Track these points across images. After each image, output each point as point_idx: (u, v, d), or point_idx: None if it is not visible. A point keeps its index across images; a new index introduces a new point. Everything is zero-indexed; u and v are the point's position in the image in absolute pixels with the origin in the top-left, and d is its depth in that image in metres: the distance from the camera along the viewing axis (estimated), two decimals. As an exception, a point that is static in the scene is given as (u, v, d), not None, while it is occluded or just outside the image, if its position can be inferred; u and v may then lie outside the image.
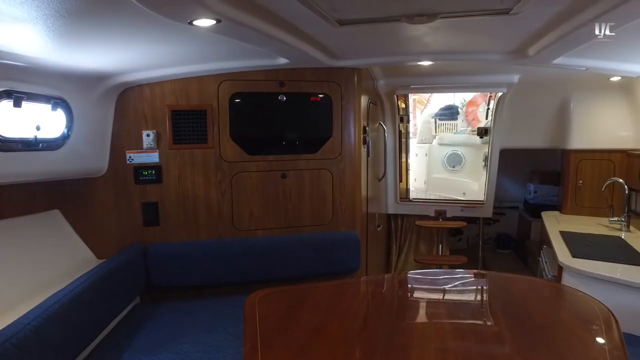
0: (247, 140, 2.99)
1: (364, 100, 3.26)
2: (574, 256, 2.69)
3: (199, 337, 2.32)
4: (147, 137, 2.79)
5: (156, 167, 2.85)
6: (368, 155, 3.44)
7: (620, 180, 3.50)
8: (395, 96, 4.35)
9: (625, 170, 3.67)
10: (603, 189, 3.57)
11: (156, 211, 2.88)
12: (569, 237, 3.12)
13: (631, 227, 3.40)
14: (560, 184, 4.32)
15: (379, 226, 4.19)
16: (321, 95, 3.06)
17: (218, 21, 1.60)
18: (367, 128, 3.32)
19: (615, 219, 3.51)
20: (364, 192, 3.33)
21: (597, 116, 3.89)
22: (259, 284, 2.30)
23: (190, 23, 1.58)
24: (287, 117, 3.09)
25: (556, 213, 4.09)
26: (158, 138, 2.83)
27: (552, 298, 2.34)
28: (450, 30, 2.08)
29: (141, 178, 2.83)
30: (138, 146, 2.81)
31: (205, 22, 1.60)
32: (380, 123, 4.14)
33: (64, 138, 2.28)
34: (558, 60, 2.46)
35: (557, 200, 4.37)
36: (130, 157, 2.80)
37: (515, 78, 3.75)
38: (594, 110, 3.90)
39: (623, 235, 3.29)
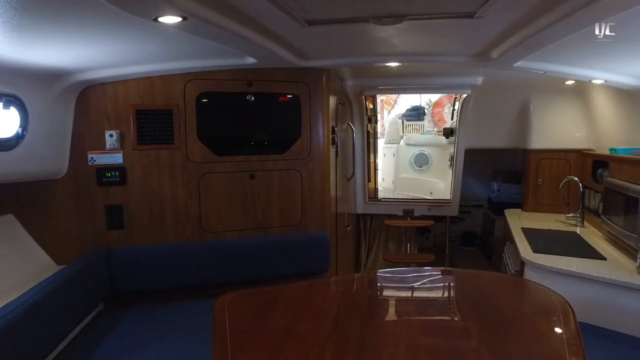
0: (214, 140, 2.94)
1: (332, 100, 3.28)
2: (534, 251, 2.80)
3: (166, 343, 2.26)
4: (110, 138, 2.69)
5: (120, 169, 2.75)
6: (337, 155, 3.45)
7: (575, 178, 3.69)
8: (363, 97, 4.39)
9: (579, 169, 3.87)
10: (560, 187, 3.76)
11: (120, 214, 2.78)
12: (530, 234, 3.25)
13: (585, 223, 3.59)
14: (522, 183, 4.48)
15: (348, 226, 4.21)
16: (290, 96, 3.05)
17: (184, 18, 1.56)
18: (335, 128, 3.33)
19: (571, 215, 3.70)
20: (333, 192, 3.34)
21: (554, 118, 4.08)
22: (228, 286, 2.26)
23: (155, 20, 1.54)
24: (256, 117, 3.06)
25: (518, 210, 4.26)
26: (122, 138, 2.73)
27: (515, 292, 2.43)
28: (417, 32, 2.11)
29: (104, 180, 2.73)
30: (100, 147, 2.70)
31: (170, 19, 1.56)
32: (348, 123, 4.16)
33: (18, 138, 2.16)
34: (519, 64, 2.55)
35: (519, 199, 4.54)
36: (92, 158, 2.70)
37: (479, 80, 3.86)
38: (551, 112, 4.09)
39: (578, 230, 3.46)
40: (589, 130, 3.95)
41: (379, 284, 2.58)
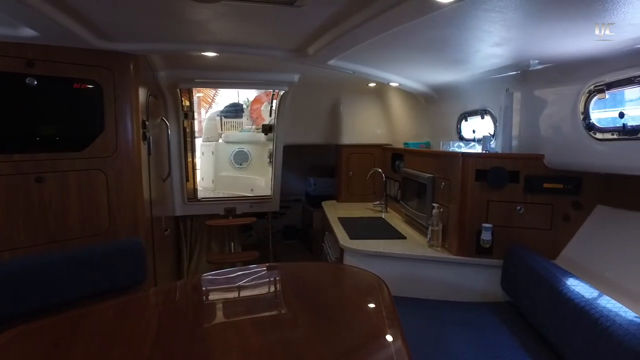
0: (-22, 134, 2.27)
1: (142, 92, 2.91)
2: (351, 238, 3.04)
3: None
4: None
5: None
6: (149, 153, 3.09)
7: (379, 170, 4.20)
8: (178, 90, 4.07)
9: (382, 161, 4.41)
10: (367, 178, 4.22)
11: None
12: (345, 222, 3.53)
13: (388, 209, 4.11)
14: (335, 176, 4.87)
15: (166, 230, 3.85)
16: (89, 83, 2.58)
17: None
18: (147, 123, 2.97)
19: (378, 202, 4.19)
20: (146, 194, 2.98)
21: (360, 116, 4.57)
22: (12, 322, 1.74)
23: None
24: (41, 106, 2.48)
25: (334, 202, 4.63)
26: None
27: (336, 278, 2.58)
28: (236, 17, 2.01)
29: None
30: None
31: None
32: (162, 119, 3.80)
33: None
34: (332, 62, 2.71)
35: (334, 191, 4.93)
36: None
37: (296, 77, 4.00)
38: (358, 111, 4.56)
39: (383, 215, 3.94)
40: (388, 127, 4.57)
41: (204, 289, 2.40)
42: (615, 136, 1.92)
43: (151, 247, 3.08)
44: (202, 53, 2.82)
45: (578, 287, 1.87)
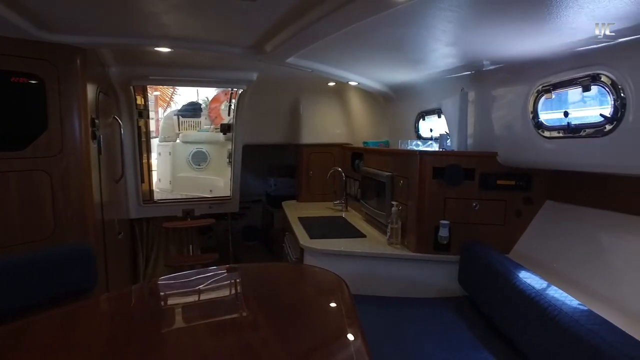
0: None
1: (91, 88, 2.77)
2: (311, 238, 3.03)
3: None
4: None
5: None
6: (100, 152, 2.95)
7: (339, 169, 4.21)
8: (131, 87, 3.90)
9: (342, 161, 4.43)
10: (328, 177, 4.22)
11: None
12: (305, 222, 3.51)
13: (349, 208, 4.13)
14: (296, 176, 4.85)
15: (119, 233, 3.69)
16: (29, 77, 2.41)
17: None
18: (97, 121, 2.83)
19: (338, 202, 4.20)
20: (96, 196, 2.83)
21: (320, 116, 4.57)
22: None
23: None
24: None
25: (294, 202, 4.60)
26: None
27: (297, 278, 2.54)
28: (189, 10, 1.94)
29: None
30: None
31: None
32: (114, 117, 3.63)
33: None
34: (290, 60, 2.68)
35: (294, 191, 4.90)
36: None
37: (254, 76, 3.94)
38: (317, 111, 4.56)
39: (343, 214, 3.95)
40: (347, 126, 4.60)
41: (161, 293, 2.31)
42: (560, 134, 2.01)
43: (102, 252, 2.94)
44: (155, 48, 2.72)
45: (529, 279, 1.95)
